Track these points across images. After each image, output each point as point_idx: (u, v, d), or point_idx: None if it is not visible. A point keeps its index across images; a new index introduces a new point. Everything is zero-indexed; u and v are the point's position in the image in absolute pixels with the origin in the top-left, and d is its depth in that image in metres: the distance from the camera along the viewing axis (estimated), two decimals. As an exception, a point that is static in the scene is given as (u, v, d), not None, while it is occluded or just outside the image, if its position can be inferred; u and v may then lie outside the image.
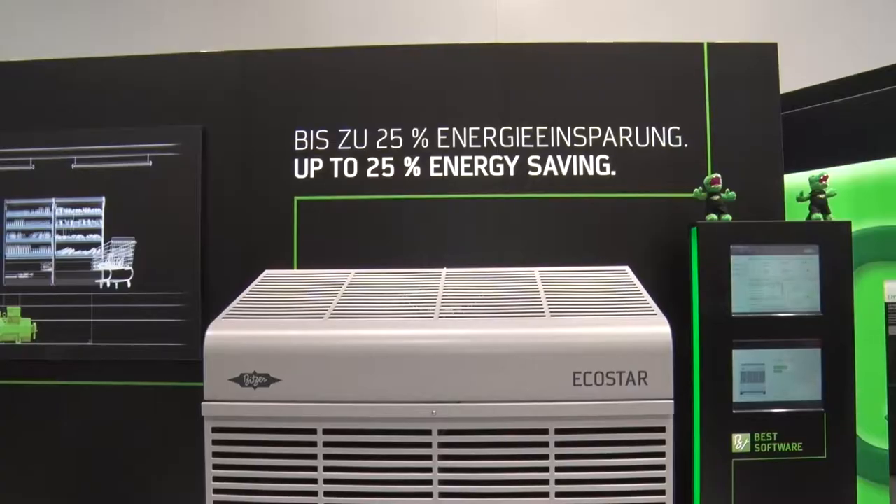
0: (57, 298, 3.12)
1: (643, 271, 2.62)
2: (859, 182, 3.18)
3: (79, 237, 3.13)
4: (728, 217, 2.80)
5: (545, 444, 2.01)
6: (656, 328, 2.05)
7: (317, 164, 3.11)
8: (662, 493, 2.01)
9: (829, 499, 2.60)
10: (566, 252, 2.97)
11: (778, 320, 2.66)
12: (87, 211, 3.14)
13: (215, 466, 2.07)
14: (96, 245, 3.12)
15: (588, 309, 2.18)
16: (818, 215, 2.82)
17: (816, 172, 2.87)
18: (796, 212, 2.98)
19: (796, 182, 3.09)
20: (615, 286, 2.39)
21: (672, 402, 2.01)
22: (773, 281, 2.68)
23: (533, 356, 2.01)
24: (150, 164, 3.12)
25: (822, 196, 2.84)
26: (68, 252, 3.13)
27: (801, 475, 2.59)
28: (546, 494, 2.01)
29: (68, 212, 3.14)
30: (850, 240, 2.70)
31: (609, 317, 2.13)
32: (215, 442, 2.07)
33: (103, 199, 3.13)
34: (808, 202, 2.86)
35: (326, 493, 2.04)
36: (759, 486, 2.59)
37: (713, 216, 2.80)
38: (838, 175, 3.13)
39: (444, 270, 2.59)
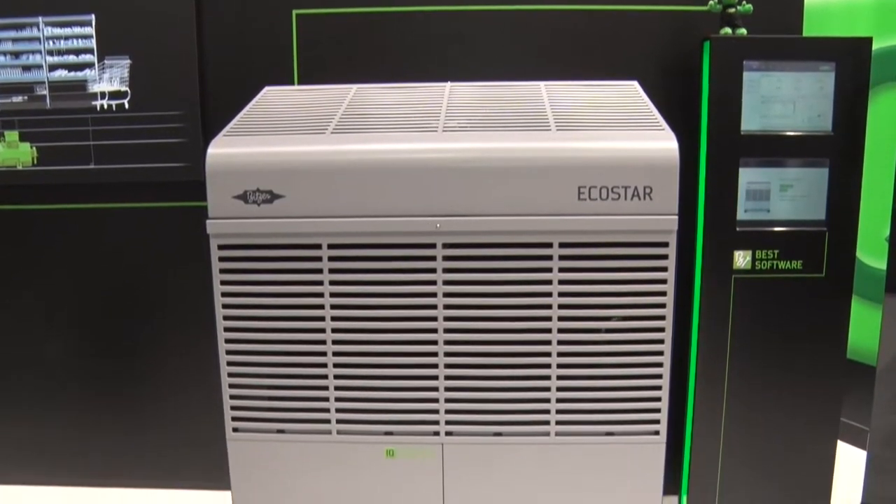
0: (54, 122, 3.06)
1: (652, 87, 2.53)
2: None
3: (71, 58, 3.03)
4: (743, 31, 2.68)
5: (549, 258, 2.02)
6: (664, 143, 2.01)
7: (315, -26, 2.97)
8: (663, 306, 2.05)
9: (824, 315, 2.66)
10: (573, 66, 2.88)
11: (787, 139, 2.61)
12: (76, 30, 3.01)
13: (223, 282, 2.10)
14: (90, 65, 3.03)
15: (595, 123, 2.13)
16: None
17: None
18: (815, 28, 2.87)
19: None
20: (623, 101, 2.33)
21: (676, 217, 2.00)
22: (785, 98, 2.61)
23: (538, 169, 1.99)
24: (140, -23, 2.97)
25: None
26: (61, 73, 3.04)
27: (798, 292, 2.63)
28: (549, 306, 2.05)
29: (57, 31, 3.02)
30: (869, 58, 2.59)
31: (616, 131, 2.08)
32: (222, 259, 2.09)
33: (92, 17, 3.00)
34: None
35: (333, 307, 2.08)
36: (758, 302, 2.64)
37: (727, 30, 2.68)
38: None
39: (449, 84, 2.51)
